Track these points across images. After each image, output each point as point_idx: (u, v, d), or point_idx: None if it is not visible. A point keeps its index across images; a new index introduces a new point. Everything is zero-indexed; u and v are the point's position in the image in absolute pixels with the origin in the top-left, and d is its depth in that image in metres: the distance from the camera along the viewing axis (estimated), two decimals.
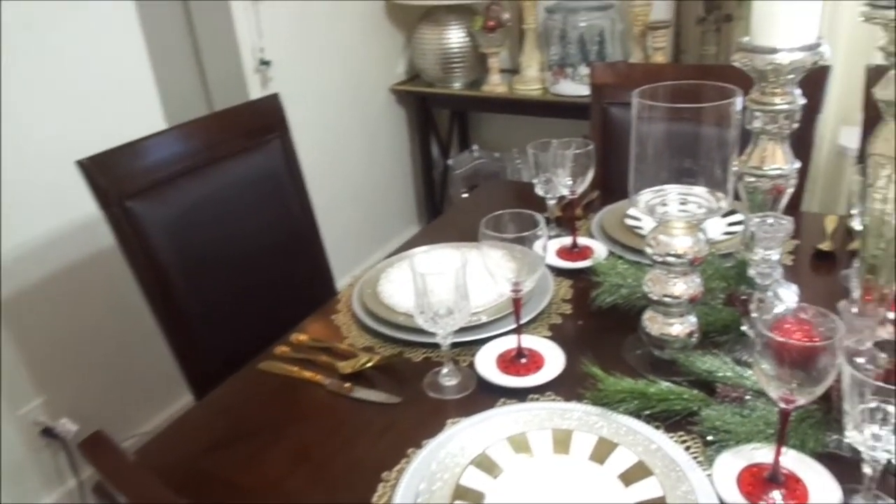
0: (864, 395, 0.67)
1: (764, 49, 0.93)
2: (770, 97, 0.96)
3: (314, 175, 1.77)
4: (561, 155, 1.27)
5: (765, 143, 1.00)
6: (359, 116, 2.77)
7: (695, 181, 0.92)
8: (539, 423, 0.87)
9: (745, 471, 0.78)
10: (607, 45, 2.50)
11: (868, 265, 0.86)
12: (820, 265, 1.25)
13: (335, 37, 2.57)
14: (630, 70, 1.75)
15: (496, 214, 0.97)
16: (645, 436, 0.83)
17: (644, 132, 0.90)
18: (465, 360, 1.05)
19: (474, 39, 2.67)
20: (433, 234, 1.51)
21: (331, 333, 1.15)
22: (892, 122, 0.77)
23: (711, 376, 0.92)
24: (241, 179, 1.41)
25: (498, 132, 3.11)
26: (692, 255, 0.93)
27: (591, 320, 1.13)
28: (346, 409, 0.98)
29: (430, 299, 0.92)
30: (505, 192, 1.85)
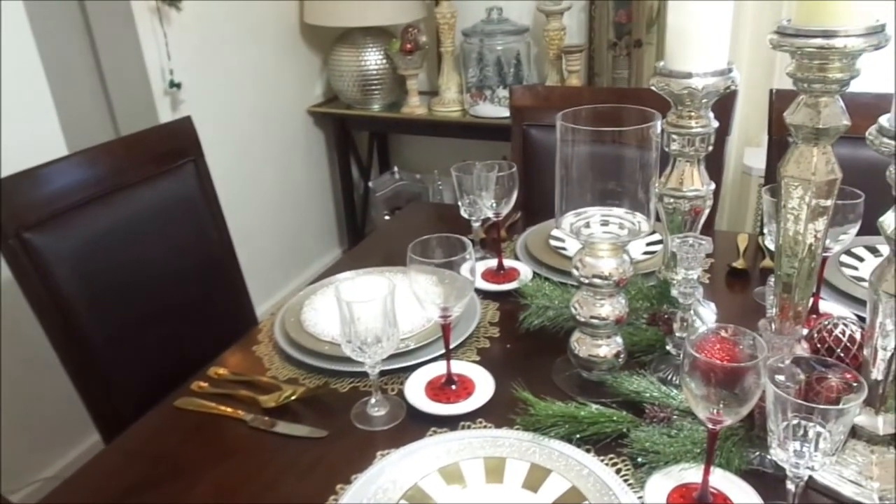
0: (787, 412, 0.69)
1: (680, 74, 0.96)
2: (686, 120, 0.99)
3: (230, 200, 1.71)
4: (485, 177, 1.27)
5: (682, 165, 1.03)
6: (276, 139, 2.70)
7: (618, 203, 0.94)
8: (471, 451, 0.85)
9: (675, 492, 0.79)
10: (524, 67, 2.55)
11: (783, 284, 0.89)
12: (734, 282, 1.30)
13: (249, 58, 2.51)
14: (549, 93, 1.78)
15: (423, 239, 0.95)
16: (577, 460, 0.83)
17: (568, 155, 0.91)
18: (393, 389, 1.02)
19: (392, 62, 2.67)
20: (357, 258, 1.48)
21: (252, 366, 1.10)
22: (802, 146, 0.80)
23: (639, 397, 0.93)
24: (153, 206, 1.34)
25: (418, 154, 3.11)
26: (618, 276, 0.94)
27: (519, 343, 1.12)
28: (270, 445, 0.93)
29: (358, 328, 0.89)
30: (428, 215, 1.84)
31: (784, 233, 0.86)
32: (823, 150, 0.80)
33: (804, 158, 0.80)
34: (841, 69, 0.76)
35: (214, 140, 2.32)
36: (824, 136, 0.79)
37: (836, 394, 0.73)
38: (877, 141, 0.67)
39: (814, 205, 0.81)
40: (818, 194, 0.80)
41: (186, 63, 2.21)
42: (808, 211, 0.82)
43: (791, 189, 0.82)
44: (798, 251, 0.85)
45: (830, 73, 0.76)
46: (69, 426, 1.90)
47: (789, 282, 0.88)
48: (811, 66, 0.77)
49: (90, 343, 1.17)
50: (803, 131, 0.79)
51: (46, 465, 1.92)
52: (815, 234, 0.83)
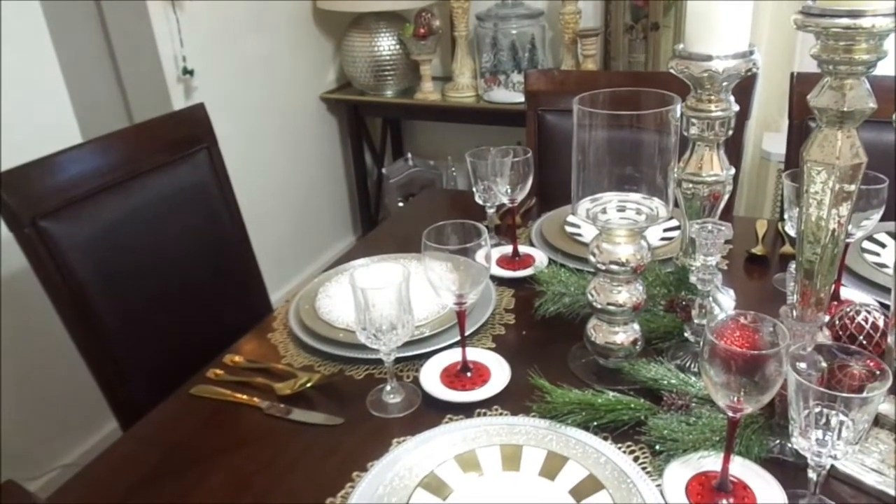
0: (809, 400, 0.68)
1: (700, 56, 0.94)
2: (706, 104, 0.97)
3: (244, 187, 1.71)
4: (500, 163, 1.26)
5: (702, 149, 1.01)
6: (289, 125, 2.70)
7: (636, 188, 0.92)
8: (487, 439, 0.85)
9: (694, 480, 0.78)
10: (538, 52, 2.52)
11: (804, 270, 0.87)
12: (753, 269, 1.28)
13: (262, 44, 2.50)
14: (564, 77, 1.76)
15: (438, 226, 0.95)
16: (594, 448, 0.82)
17: (585, 140, 0.90)
18: (408, 376, 1.01)
19: (405, 47, 2.65)
20: (371, 245, 1.47)
21: (267, 353, 1.10)
22: (826, 129, 0.78)
23: (657, 384, 0.92)
24: (167, 194, 1.34)
25: (432, 140, 3.09)
26: (635, 262, 0.93)
27: (534, 330, 1.12)
28: (285, 433, 0.93)
29: (372, 314, 0.89)
30: (442, 202, 1.83)
31: (806, 218, 0.84)
32: (848, 134, 0.78)
33: (828, 142, 0.78)
34: (868, 50, 0.74)
35: (228, 127, 2.32)
36: (849, 119, 0.77)
37: (858, 382, 0.72)
38: None
39: (837, 189, 0.79)
40: (842, 179, 0.78)
41: (199, 50, 2.21)
42: (832, 196, 0.80)
43: (814, 173, 0.80)
44: (820, 237, 0.83)
45: (857, 55, 0.74)
46: (88, 413, 1.92)
47: (811, 268, 0.86)
48: (837, 48, 0.75)
49: (106, 330, 1.17)
50: (828, 114, 0.77)
51: (66, 453, 1.95)
52: (839, 220, 0.81)
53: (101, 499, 0.84)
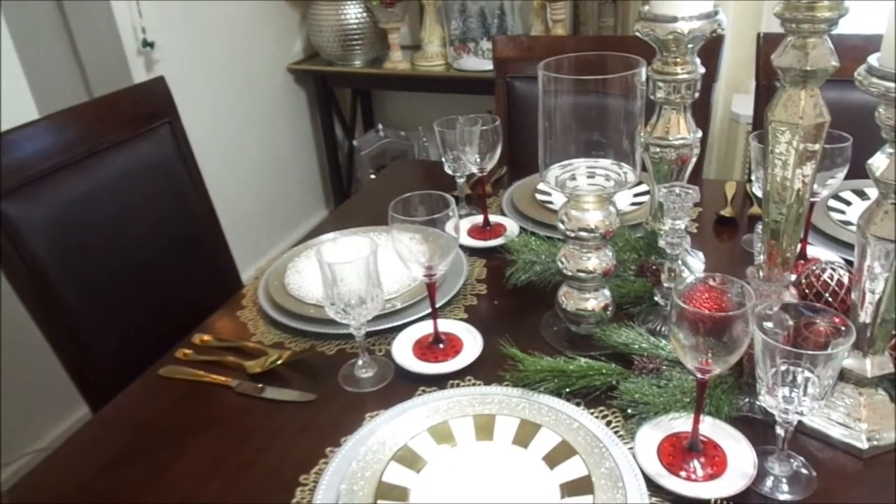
0: (775, 358, 0.68)
1: (665, 18, 0.93)
2: (672, 67, 0.97)
3: (210, 162, 1.68)
4: (468, 132, 1.24)
5: (668, 113, 1.01)
6: (255, 98, 2.64)
7: (603, 154, 0.91)
8: (460, 409, 0.85)
9: (665, 441, 0.79)
10: (508, 18, 2.49)
11: (770, 230, 0.88)
12: (722, 231, 1.29)
13: (224, 15, 2.44)
14: (532, 43, 1.73)
15: (405, 197, 0.93)
16: (567, 414, 0.83)
17: (551, 106, 0.88)
18: (380, 350, 1.01)
19: (373, 15, 2.60)
20: (341, 218, 1.45)
21: (237, 331, 1.09)
22: (790, 89, 0.78)
23: (628, 349, 0.92)
24: (129, 171, 1.31)
25: (403, 110, 3.06)
26: (604, 228, 0.92)
27: (506, 299, 1.11)
28: (258, 411, 0.92)
29: (341, 289, 0.88)
30: (413, 172, 1.81)
31: (772, 179, 0.84)
32: (811, 93, 0.78)
33: (792, 102, 0.78)
34: (829, 7, 0.73)
35: (191, 101, 2.27)
36: (812, 78, 0.76)
37: (824, 338, 0.72)
38: (865, 81, 0.66)
39: (802, 149, 0.79)
40: (806, 138, 0.78)
41: (160, 21, 2.15)
42: (796, 156, 0.80)
43: (779, 134, 0.80)
44: (786, 197, 0.83)
45: (819, 12, 0.73)
46: (60, 398, 1.89)
47: (777, 228, 0.87)
48: (799, 6, 0.74)
49: (70, 313, 1.15)
50: (791, 74, 0.77)
51: (38, 438, 1.93)
52: (803, 180, 0.82)
53: (70, 482, 0.83)
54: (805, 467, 0.76)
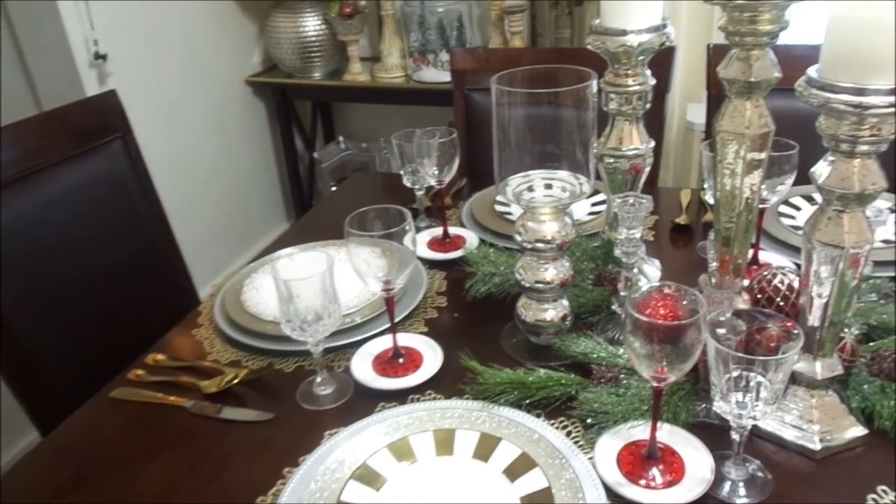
0: (728, 364, 0.69)
1: (615, 31, 0.94)
2: (623, 79, 0.98)
3: (166, 176, 1.65)
4: (426, 144, 1.24)
5: (621, 124, 1.02)
6: (213, 111, 2.61)
7: (558, 165, 0.92)
8: (420, 425, 0.84)
9: (625, 450, 0.79)
10: (466, 30, 2.51)
11: (722, 238, 0.89)
12: (678, 238, 1.30)
13: (180, 26, 2.41)
14: (489, 55, 1.75)
15: (361, 211, 0.93)
16: (527, 426, 0.83)
17: (505, 118, 0.89)
18: (340, 366, 1.00)
19: (331, 27, 2.59)
20: (301, 232, 1.44)
21: (192, 350, 1.07)
22: (736, 100, 0.80)
23: (587, 358, 0.93)
24: (79, 186, 1.28)
25: (364, 122, 3.05)
26: (560, 239, 0.93)
27: (466, 311, 1.11)
28: (213, 432, 0.90)
29: (297, 306, 0.87)
30: (374, 185, 1.81)
31: (721, 187, 0.86)
32: (756, 104, 0.79)
33: (738, 113, 0.79)
34: (771, 21, 0.75)
35: (146, 114, 2.23)
36: (756, 89, 0.78)
37: (776, 342, 0.74)
38: (805, 92, 0.67)
39: (749, 158, 0.81)
40: (752, 147, 0.80)
41: (112, 33, 2.11)
42: (744, 165, 0.82)
43: (726, 144, 0.82)
44: (735, 205, 0.85)
45: (760, 25, 0.75)
46: (7, 422, 1.83)
47: (728, 235, 0.88)
48: (742, 19, 0.76)
49: (19, 334, 1.11)
50: (736, 85, 0.79)
51: None
52: (751, 188, 0.83)
53: None
54: (761, 470, 0.77)
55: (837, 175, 0.70)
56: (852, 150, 0.68)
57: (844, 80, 0.65)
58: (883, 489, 0.74)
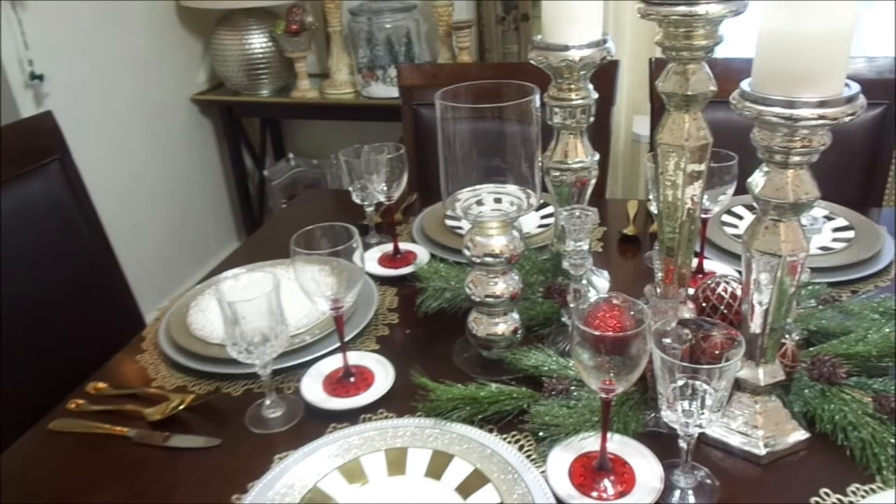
0: (674, 374, 0.70)
1: (557, 46, 0.96)
2: (567, 93, 1.00)
3: (110, 198, 1.60)
4: (374, 161, 1.24)
5: (566, 137, 1.04)
6: (158, 130, 2.56)
7: (504, 179, 0.93)
8: (371, 445, 0.83)
9: (576, 462, 0.80)
10: (415, 45, 2.52)
11: (666, 248, 0.91)
12: (626, 249, 1.32)
13: (121, 45, 2.35)
14: (436, 70, 1.76)
15: (307, 230, 0.92)
16: (479, 442, 0.82)
17: (450, 134, 0.89)
18: (290, 387, 0.98)
19: (278, 44, 2.57)
20: (249, 251, 1.41)
21: (136, 377, 1.03)
22: (675, 113, 0.82)
23: (538, 371, 0.93)
24: (14, 211, 1.23)
25: (314, 138, 3.03)
26: (509, 253, 0.93)
27: (418, 327, 1.11)
28: (159, 461, 0.87)
29: (243, 328, 0.85)
30: (324, 201, 1.79)
31: (664, 199, 0.87)
32: (694, 116, 0.81)
33: (676, 125, 0.81)
34: (705, 36, 0.77)
35: (87, 135, 2.18)
36: (694, 102, 0.80)
37: (720, 350, 0.75)
38: (739, 105, 0.69)
39: (689, 170, 0.83)
40: (692, 159, 0.82)
41: (49, 52, 2.05)
42: (684, 176, 0.83)
43: (667, 156, 0.83)
44: (677, 216, 0.87)
45: (695, 41, 0.77)
46: None
47: (672, 245, 0.90)
48: (677, 34, 0.78)
49: None
50: (674, 99, 0.81)
51: None
52: (693, 199, 0.85)
53: None
54: (709, 477, 0.78)
55: (772, 186, 0.72)
56: (785, 161, 0.71)
57: (775, 93, 0.67)
58: (825, 491, 0.76)
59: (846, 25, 0.64)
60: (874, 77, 1.45)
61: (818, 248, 1.20)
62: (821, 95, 0.66)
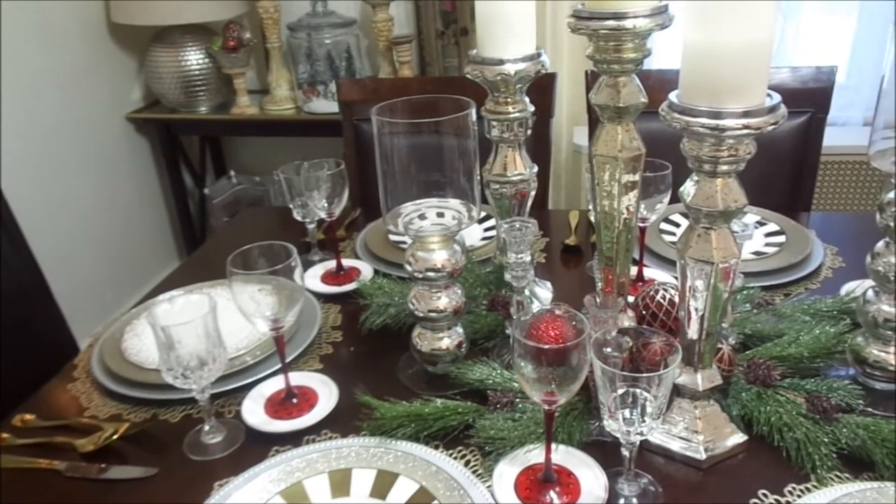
0: (614, 383, 0.71)
1: (492, 61, 0.96)
2: (504, 106, 1.00)
3: (40, 221, 1.54)
4: (314, 177, 1.22)
5: (505, 150, 1.04)
6: (91, 150, 2.47)
7: (443, 193, 0.93)
8: (314, 467, 0.81)
9: (522, 475, 0.80)
10: (355, 60, 2.51)
11: (605, 257, 0.92)
12: (569, 259, 1.34)
13: (50, 63, 2.27)
14: (376, 85, 1.75)
15: (244, 250, 0.90)
16: (424, 459, 0.81)
17: (388, 149, 0.89)
18: (230, 411, 0.95)
19: (216, 60, 2.53)
20: (187, 273, 1.38)
21: (68, 407, 0.99)
22: (609, 125, 0.83)
23: (483, 384, 0.93)
24: None
25: (256, 155, 2.98)
26: (450, 267, 0.93)
27: (363, 345, 1.09)
28: (92, 494, 0.83)
29: (178, 352, 0.82)
30: (266, 219, 1.76)
31: (601, 209, 0.89)
32: (627, 128, 0.83)
33: (610, 137, 0.83)
34: (634, 49, 0.79)
35: (16, 156, 2.10)
36: (626, 113, 0.82)
37: (660, 356, 0.76)
38: (668, 116, 0.71)
39: (623, 180, 0.84)
40: (626, 170, 0.83)
41: None
42: (619, 186, 0.85)
43: (602, 167, 0.84)
44: (614, 225, 0.88)
45: (625, 54, 0.79)
46: None
47: (611, 255, 0.91)
48: (607, 48, 0.79)
49: None
50: (607, 111, 0.82)
51: None
52: (628, 208, 0.87)
53: None
54: (652, 484, 0.79)
55: (702, 194, 0.73)
56: (714, 171, 0.72)
57: (701, 105, 0.69)
58: (763, 493, 0.78)
59: (765, 38, 0.66)
60: (798, 86, 1.51)
61: (751, 254, 1.24)
62: (744, 106, 0.67)
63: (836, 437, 0.80)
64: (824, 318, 0.99)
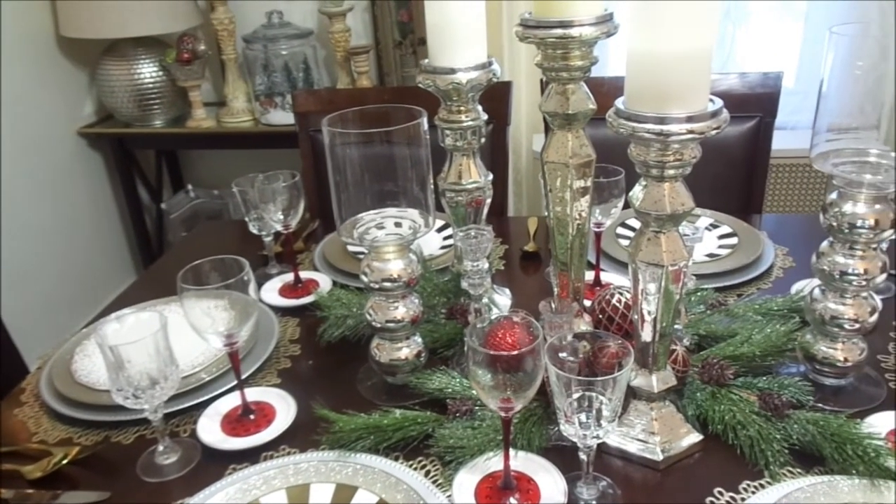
0: (570, 387, 0.71)
1: (443, 70, 0.97)
2: (457, 115, 1.01)
3: None
4: (269, 189, 1.21)
5: (459, 158, 1.04)
6: (41, 167, 2.41)
7: (397, 203, 0.92)
8: (271, 484, 0.80)
9: (482, 483, 0.79)
10: (313, 71, 2.49)
11: (560, 262, 0.93)
12: (528, 265, 1.34)
13: None
14: (332, 96, 1.74)
15: (195, 265, 0.88)
16: (384, 471, 0.81)
17: (340, 160, 0.88)
18: (186, 430, 0.93)
19: (170, 73, 2.49)
20: (144, 289, 1.35)
21: (15, 432, 0.96)
22: (559, 132, 0.84)
23: (442, 393, 0.93)
24: None
25: (214, 168, 2.94)
26: (407, 276, 0.93)
27: (321, 358, 1.08)
28: None
29: (129, 372, 0.80)
30: (223, 233, 1.74)
31: (554, 215, 0.89)
32: (577, 135, 0.84)
33: (560, 144, 0.83)
34: (581, 57, 0.80)
35: None
36: (575, 120, 0.83)
37: (616, 359, 0.77)
38: (615, 122, 0.71)
39: (575, 186, 0.85)
40: (577, 176, 0.84)
41: None
42: (571, 192, 0.85)
43: (553, 174, 0.85)
44: (568, 231, 0.89)
45: (572, 62, 0.80)
46: None
47: (565, 260, 0.92)
48: (555, 56, 0.80)
49: None
50: (557, 118, 0.83)
51: None
52: (580, 214, 0.88)
53: None
54: (611, 487, 0.79)
55: (651, 199, 0.74)
56: (661, 175, 0.73)
57: (647, 111, 0.70)
58: (719, 491, 0.79)
59: (707, 45, 0.68)
60: (747, 92, 1.55)
61: (705, 256, 1.26)
62: (688, 111, 0.69)
63: (788, 434, 0.82)
64: (775, 317, 1.01)
